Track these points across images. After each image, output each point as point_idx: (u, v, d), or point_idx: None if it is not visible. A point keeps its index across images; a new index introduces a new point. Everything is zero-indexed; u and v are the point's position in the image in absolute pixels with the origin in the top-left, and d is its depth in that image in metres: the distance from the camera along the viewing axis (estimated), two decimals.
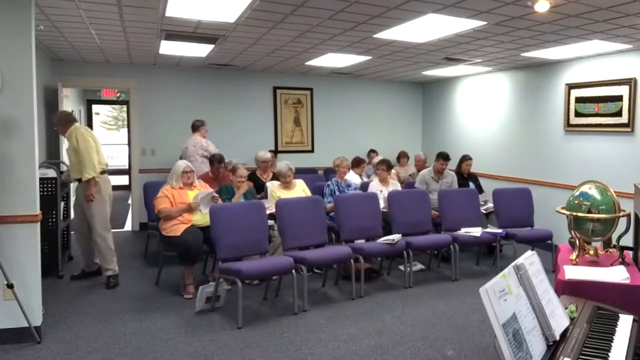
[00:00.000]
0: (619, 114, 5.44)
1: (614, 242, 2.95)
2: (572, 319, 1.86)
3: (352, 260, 4.52)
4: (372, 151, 8.19)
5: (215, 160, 5.75)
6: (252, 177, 5.99)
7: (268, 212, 4.63)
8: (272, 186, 5.36)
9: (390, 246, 4.70)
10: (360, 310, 4.15)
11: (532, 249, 2.78)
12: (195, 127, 6.63)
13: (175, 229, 4.41)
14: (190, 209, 4.50)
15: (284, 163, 5.29)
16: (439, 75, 7.86)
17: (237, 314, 3.77)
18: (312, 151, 8.33)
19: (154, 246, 5.73)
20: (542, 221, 5.82)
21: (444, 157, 6.10)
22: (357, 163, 6.78)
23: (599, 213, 2.73)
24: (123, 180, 11.47)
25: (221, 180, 5.60)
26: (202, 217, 4.46)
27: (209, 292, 4.06)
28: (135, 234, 7.16)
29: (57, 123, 4.75)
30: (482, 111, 7.67)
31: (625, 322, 1.93)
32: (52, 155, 6.48)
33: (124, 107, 14.69)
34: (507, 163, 7.14)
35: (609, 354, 1.64)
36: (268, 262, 4.13)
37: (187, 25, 4.55)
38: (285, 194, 5.07)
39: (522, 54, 5.75)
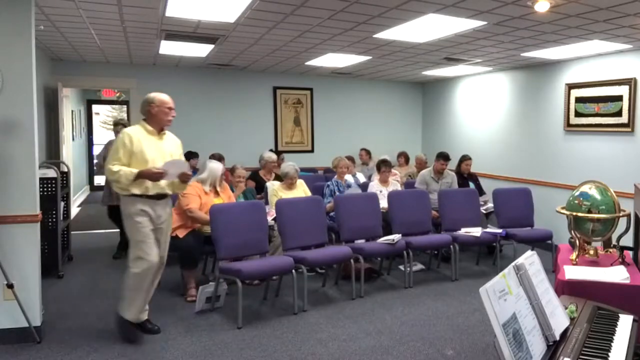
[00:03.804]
0: (619, 114, 5.44)
1: (614, 242, 2.95)
2: (572, 319, 1.86)
3: (352, 260, 4.52)
4: (363, 149, 8.13)
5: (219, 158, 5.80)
6: (255, 176, 5.99)
7: (269, 217, 4.62)
8: (273, 186, 5.36)
9: (390, 246, 4.70)
10: (360, 310, 4.15)
11: (532, 249, 2.77)
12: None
13: (178, 232, 4.37)
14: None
15: (290, 165, 5.27)
16: (439, 75, 7.86)
17: (237, 314, 3.76)
18: (312, 151, 8.33)
19: None
20: (542, 221, 5.82)
21: (444, 157, 6.10)
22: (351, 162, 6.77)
23: (599, 213, 2.73)
24: None
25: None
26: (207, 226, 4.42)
27: (209, 292, 4.06)
28: None
29: None
30: (482, 111, 7.67)
31: (625, 322, 1.93)
32: (52, 155, 6.48)
33: (124, 107, 14.68)
34: (507, 163, 7.14)
35: (609, 354, 1.64)
36: (268, 262, 4.13)
37: (187, 25, 4.55)
38: (287, 194, 5.07)
39: (522, 54, 5.75)
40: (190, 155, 6.70)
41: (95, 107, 13.52)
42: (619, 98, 5.43)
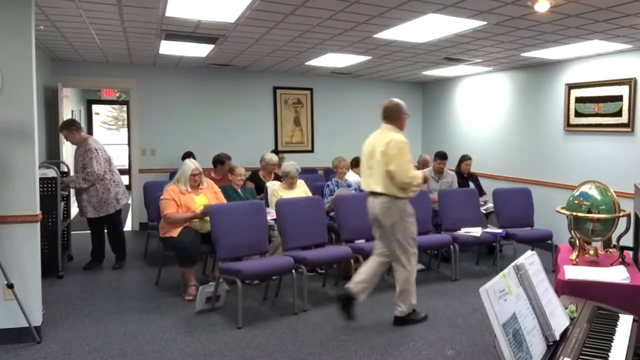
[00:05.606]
0: (619, 114, 5.44)
1: (614, 242, 2.95)
2: (572, 319, 1.86)
3: (352, 260, 4.52)
4: None
5: (226, 158, 5.83)
6: (255, 177, 5.99)
7: (269, 217, 4.62)
8: (273, 186, 5.35)
9: None
10: (361, 310, 4.14)
11: (532, 249, 2.77)
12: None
13: (172, 230, 4.38)
14: (197, 216, 4.37)
15: (291, 164, 5.26)
16: (439, 75, 7.86)
17: (237, 314, 3.77)
18: (312, 151, 8.33)
19: (154, 246, 5.74)
20: (542, 221, 5.82)
21: (440, 156, 6.15)
22: (356, 163, 6.77)
23: (599, 213, 2.73)
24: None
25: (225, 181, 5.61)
26: (201, 225, 4.42)
27: (209, 292, 4.05)
28: (135, 234, 7.16)
29: None
30: (482, 111, 7.67)
31: (625, 322, 1.93)
32: (52, 155, 6.48)
33: (124, 107, 14.68)
34: (507, 163, 7.14)
35: (609, 354, 1.64)
36: (268, 262, 4.13)
37: (187, 25, 4.55)
38: (287, 194, 5.06)
39: (522, 54, 5.75)
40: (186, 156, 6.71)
41: (95, 107, 13.51)
42: (619, 98, 5.43)
